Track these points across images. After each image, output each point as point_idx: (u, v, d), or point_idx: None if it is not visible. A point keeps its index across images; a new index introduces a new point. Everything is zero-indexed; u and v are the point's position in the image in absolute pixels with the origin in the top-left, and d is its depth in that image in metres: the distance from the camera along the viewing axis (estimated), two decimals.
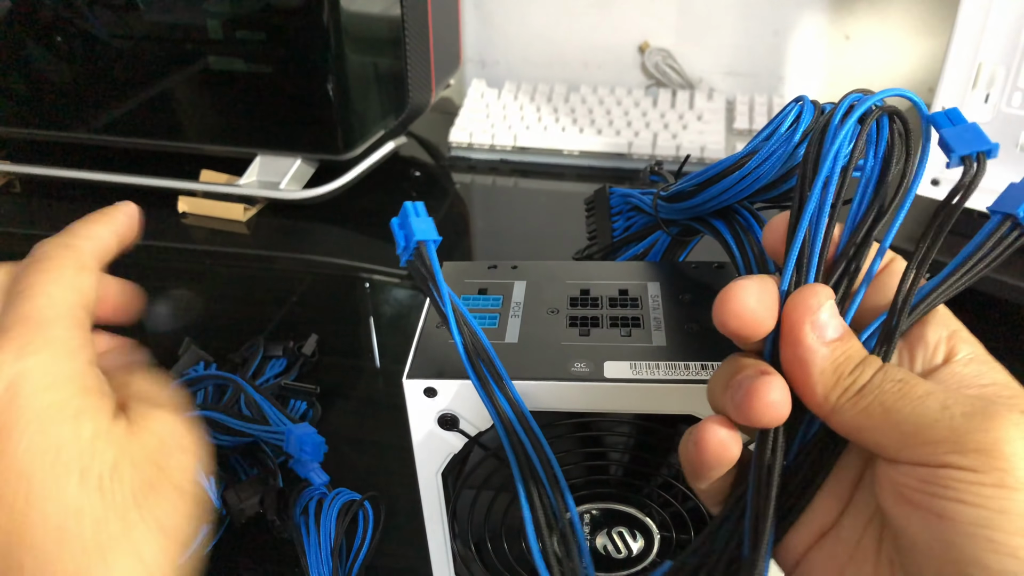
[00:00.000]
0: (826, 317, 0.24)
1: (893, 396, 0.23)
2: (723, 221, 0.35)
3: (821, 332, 0.24)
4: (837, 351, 0.24)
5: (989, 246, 0.25)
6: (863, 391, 0.23)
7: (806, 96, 0.33)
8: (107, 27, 0.73)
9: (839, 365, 0.24)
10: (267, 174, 0.77)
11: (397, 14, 0.71)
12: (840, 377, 0.24)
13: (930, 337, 0.26)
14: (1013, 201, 0.24)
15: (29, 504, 0.23)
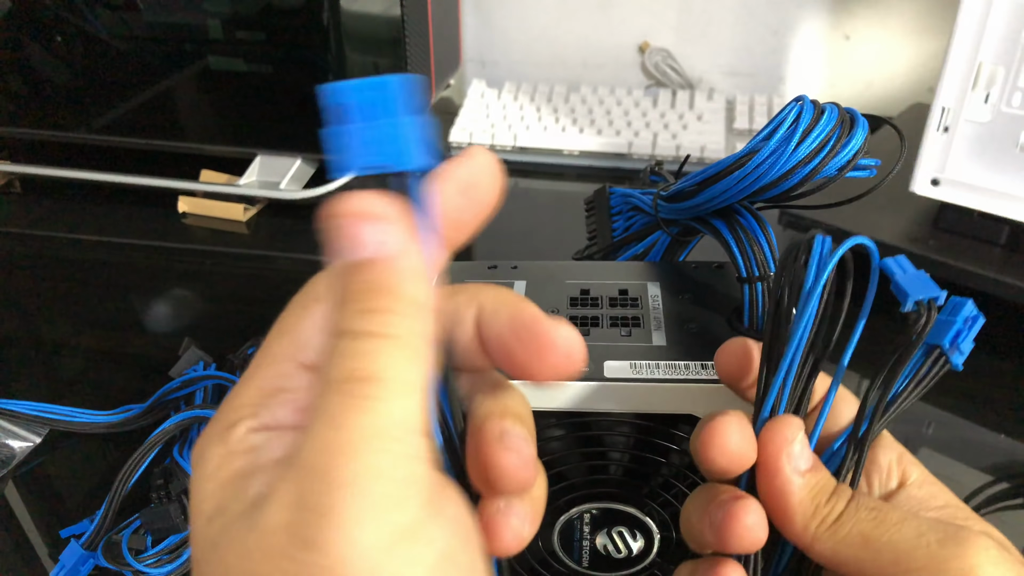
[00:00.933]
0: (799, 448, 0.25)
1: (870, 524, 0.24)
2: (723, 221, 0.35)
3: (796, 463, 0.25)
4: (812, 481, 0.25)
5: (922, 375, 0.27)
6: (841, 520, 0.24)
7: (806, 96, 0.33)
8: (107, 27, 0.73)
9: (816, 495, 0.25)
10: (267, 174, 0.77)
11: (397, 14, 0.71)
12: (818, 507, 0.25)
13: (882, 460, 0.27)
14: (939, 333, 0.27)
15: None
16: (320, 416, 0.18)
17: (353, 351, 0.19)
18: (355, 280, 0.20)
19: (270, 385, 0.20)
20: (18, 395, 0.52)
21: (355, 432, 0.18)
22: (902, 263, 0.28)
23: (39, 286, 0.68)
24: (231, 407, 0.20)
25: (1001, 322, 0.59)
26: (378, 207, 0.20)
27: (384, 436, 0.18)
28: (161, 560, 0.41)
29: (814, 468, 0.25)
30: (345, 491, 0.17)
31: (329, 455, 0.17)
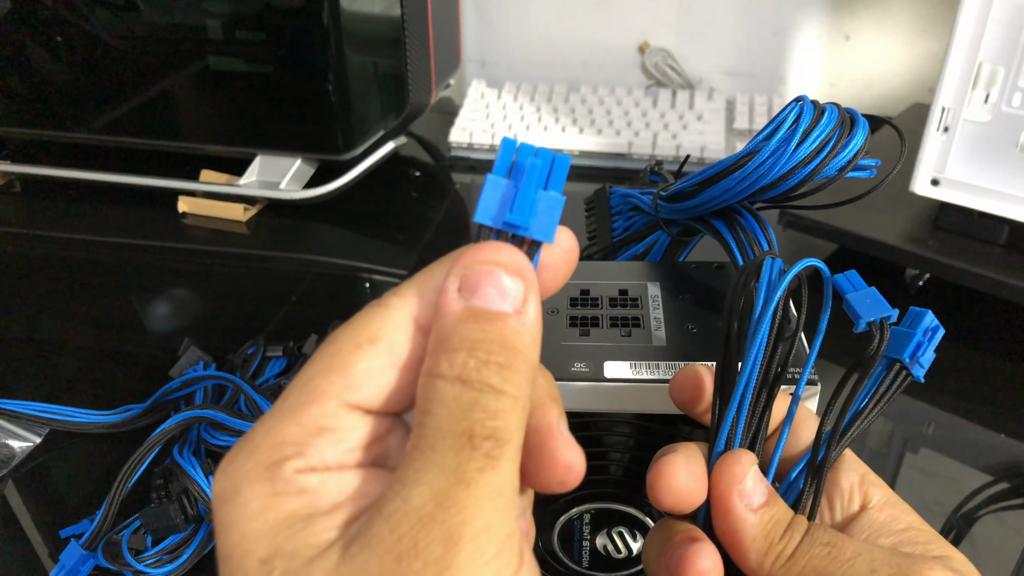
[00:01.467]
0: (751, 484, 0.25)
1: (824, 560, 0.24)
2: (723, 221, 0.35)
3: (748, 500, 0.25)
4: (765, 517, 0.25)
5: (883, 391, 0.26)
6: (795, 556, 0.24)
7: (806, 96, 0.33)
8: (107, 27, 0.73)
9: (769, 531, 0.25)
10: (267, 174, 0.77)
11: (397, 14, 0.71)
12: (772, 543, 0.24)
13: (843, 483, 0.27)
14: (899, 347, 0.26)
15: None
16: (436, 467, 0.18)
17: (475, 403, 0.18)
18: (486, 330, 0.19)
19: (314, 423, 0.19)
20: (18, 395, 0.52)
21: (481, 489, 0.18)
22: (853, 279, 0.28)
23: (39, 286, 0.68)
24: (271, 443, 0.19)
25: (1001, 322, 0.59)
26: (525, 266, 0.20)
27: (501, 496, 0.18)
28: (161, 560, 0.41)
29: (768, 503, 0.25)
30: (467, 546, 0.17)
31: (450, 510, 0.17)
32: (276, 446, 0.19)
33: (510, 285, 0.19)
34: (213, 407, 0.46)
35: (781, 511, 0.25)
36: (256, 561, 0.18)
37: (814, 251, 0.67)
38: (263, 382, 0.53)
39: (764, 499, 0.25)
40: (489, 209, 0.20)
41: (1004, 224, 0.59)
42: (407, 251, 0.72)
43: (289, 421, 0.19)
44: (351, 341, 0.20)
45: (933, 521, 0.44)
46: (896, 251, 0.60)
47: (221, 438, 0.46)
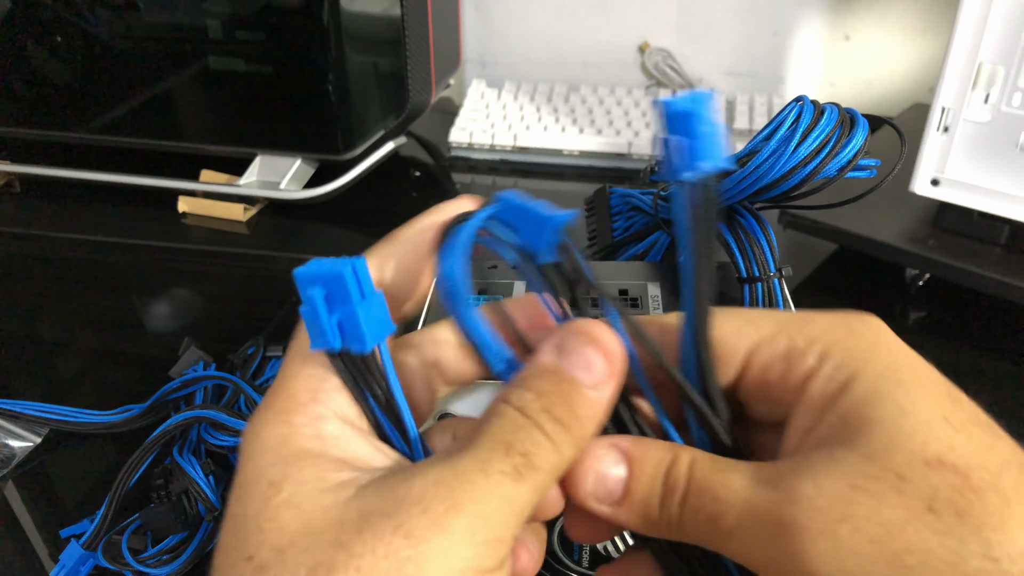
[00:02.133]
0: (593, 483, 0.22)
1: (704, 528, 0.21)
2: (723, 221, 0.35)
3: (603, 501, 0.22)
4: (633, 506, 0.22)
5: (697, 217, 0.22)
6: (680, 525, 0.21)
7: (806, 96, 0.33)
8: (107, 27, 0.73)
9: (644, 513, 0.22)
10: (267, 174, 0.77)
11: (397, 14, 0.71)
12: (652, 523, 0.22)
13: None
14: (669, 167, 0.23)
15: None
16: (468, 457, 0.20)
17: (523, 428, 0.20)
18: (559, 386, 0.21)
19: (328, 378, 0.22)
20: (18, 395, 0.52)
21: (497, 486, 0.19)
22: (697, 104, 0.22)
23: (39, 286, 0.68)
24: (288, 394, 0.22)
25: (1001, 322, 0.59)
26: (619, 351, 0.22)
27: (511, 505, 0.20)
28: (161, 560, 0.41)
29: (627, 497, 0.22)
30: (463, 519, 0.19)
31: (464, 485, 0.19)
32: (291, 396, 0.22)
33: (597, 361, 0.21)
34: (213, 407, 0.46)
35: (646, 486, 0.22)
36: (265, 483, 0.20)
37: (814, 251, 0.67)
38: (263, 382, 0.53)
39: (621, 491, 0.22)
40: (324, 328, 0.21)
41: (1004, 224, 0.59)
42: None
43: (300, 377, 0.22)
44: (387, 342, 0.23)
45: None
46: (896, 251, 0.60)
47: (221, 438, 0.46)
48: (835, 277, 0.66)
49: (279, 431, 0.21)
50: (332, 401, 0.22)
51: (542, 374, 0.21)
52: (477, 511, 0.19)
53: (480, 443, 0.20)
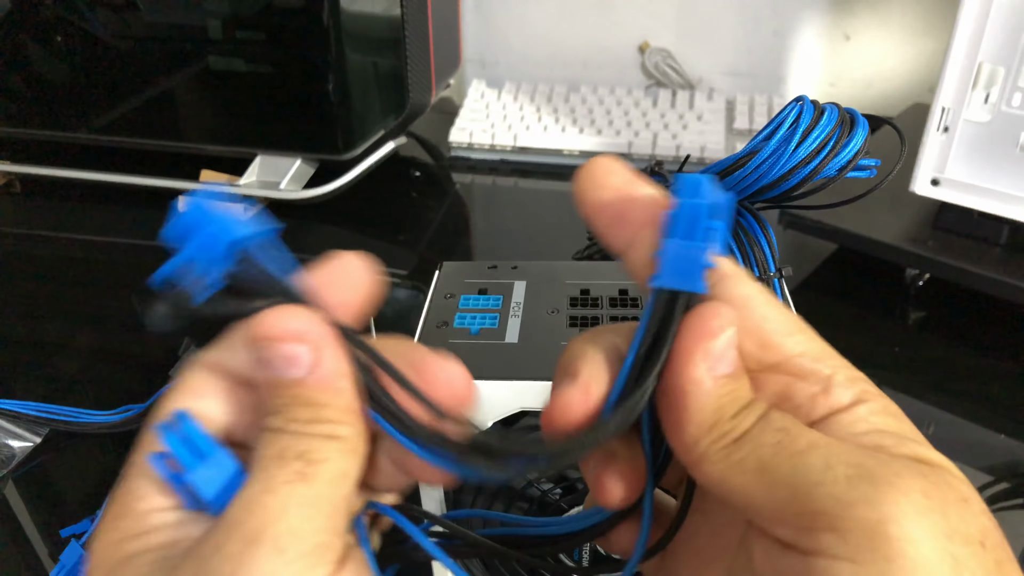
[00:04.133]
0: (722, 347, 0.20)
1: (771, 450, 0.19)
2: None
3: (713, 364, 0.20)
4: (724, 389, 0.20)
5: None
6: (740, 441, 0.19)
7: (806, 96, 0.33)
8: (107, 27, 0.73)
9: (722, 406, 0.20)
10: (267, 174, 0.77)
11: (397, 14, 0.71)
12: (719, 421, 0.20)
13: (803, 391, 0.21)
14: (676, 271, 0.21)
15: None
16: (249, 484, 0.19)
17: (287, 437, 0.20)
18: (283, 395, 0.21)
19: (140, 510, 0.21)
20: (18, 395, 0.52)
21: (288, 498, 0.19)
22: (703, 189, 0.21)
23: (39, 286, 0.68)
24: (118, 500, 0.21)
25: (1001, 322, 0.59)
26: (305, 328, 0.21)
27: (312, 507, 0.19)
28: None
29: (734, 375, 0.20)
30: (265, 545, 0.18)
31: (254, 514, 0.19)
32: (121, 499, 0.21)
33: (297, 354, 0.20)
34: None
35: (743, 389, 0.20)
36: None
37: (814, 251, 0.67)
38: None
39: (731, 370, 0.20)
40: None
41: (1004, 224, 0.59)
42: (407, 251, 0.72)
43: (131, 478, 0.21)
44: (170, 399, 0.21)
45: None
46: (896, 251, 0.60)
47: None
48: (835, 277, 0.66)
49: (108, 539, 0.20)
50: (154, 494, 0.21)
51: (267, 392, 0.21)
52: (279, 531, 0.18)
53: (255, 470, 0.20)
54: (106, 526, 0.21)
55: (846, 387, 0.21)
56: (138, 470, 0.21)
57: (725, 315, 0.20)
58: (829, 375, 0.21)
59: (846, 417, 0.20)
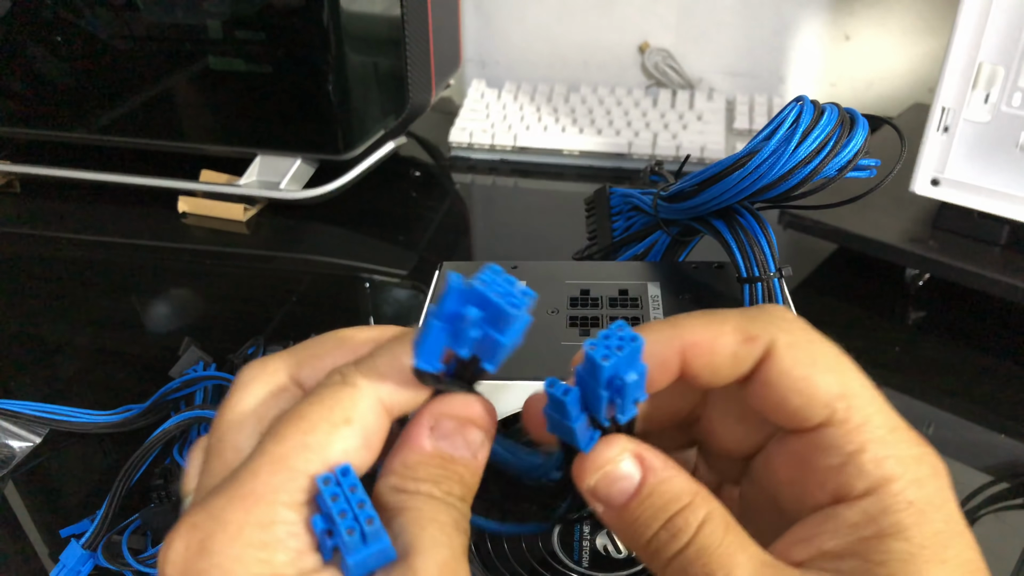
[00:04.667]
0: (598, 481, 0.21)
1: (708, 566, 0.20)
2: (723, 221, 0.35)
3: (603, 499, 0.21)
4: (633, 513, 0.21)
5: None
6: (673, 562, 0.20)
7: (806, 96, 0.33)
8: (107, 27, 0.73)
9: (635, 533, 0.21)
10: (267, 174, 0.77)
11: (397, 14, 0.71)
12: (639, 545, 0.21)
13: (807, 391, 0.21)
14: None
15: None
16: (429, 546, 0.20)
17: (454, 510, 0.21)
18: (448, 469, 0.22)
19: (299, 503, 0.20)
20: (18, 395, 0.52)
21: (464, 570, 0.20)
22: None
23: (39, 286, 0.68)
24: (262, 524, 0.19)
25: (1001, 322, 0.59)
26: (488, 422, 0.22)
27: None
28: None
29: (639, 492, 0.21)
30: None
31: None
32: (265, 527, 0.19)
33: (475, 437, 0.22)
34: (213, 407, 0.46)
35: (648, 514, 0.21)
36: None
37: (814, 251, 0.67)
38: None
39: (622, 501, 0.21)
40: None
41: (1004, 224, 0.59)
42: (407, 251, 0.72)
43: (273, 502, 0.19)
44: (326, 421, 0.20)
45: None
46: (896, 251, 0.60)
47: None
48: (835, 277, 0.66)
49: (256, 571, 0.19)
50: (301, 525, 0.20)
51: (428, 460, 0.21)
52: None
53: (432, 532, 0.20)
54: (241, 550, 0.19)
55: (869, 466, 0.20)
56: (292, 497, 0.20)
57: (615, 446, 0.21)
58: (852, 451, 0.20)
59: (847, 513, 0.20)
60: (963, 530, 0.20)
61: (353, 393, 0.21)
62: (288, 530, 0.19)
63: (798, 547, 0.21)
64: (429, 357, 0.20)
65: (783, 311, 0.22)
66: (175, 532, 0.19)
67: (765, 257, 0.34)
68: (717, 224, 0.35)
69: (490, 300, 0.20)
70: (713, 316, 0.22)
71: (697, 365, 0.22)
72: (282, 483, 0.19)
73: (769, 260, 0.34)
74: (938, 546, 0.19)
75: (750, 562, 0.20)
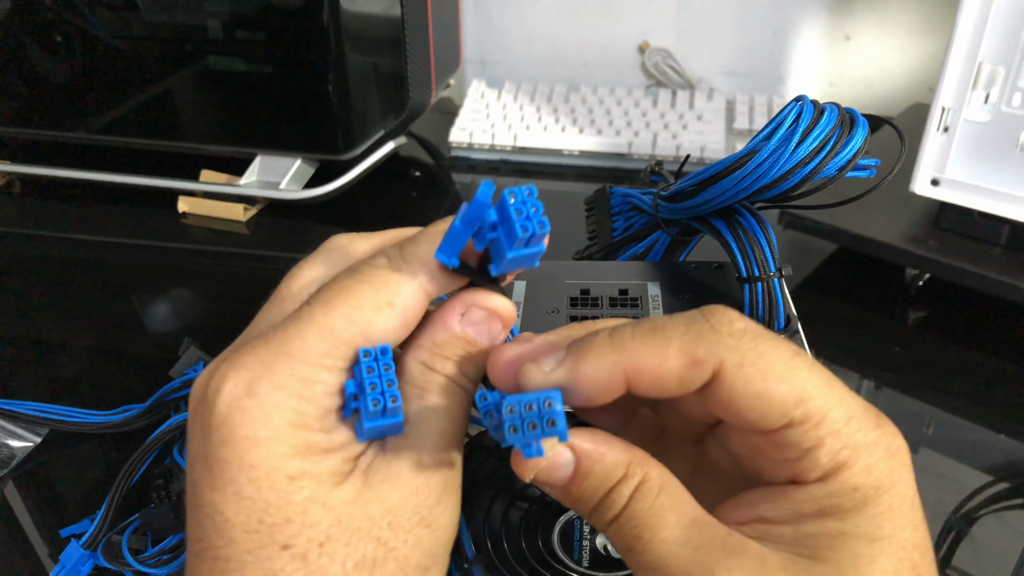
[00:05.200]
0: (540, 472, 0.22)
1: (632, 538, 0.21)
2: (723, 221, 0.35)
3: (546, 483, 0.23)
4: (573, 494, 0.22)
5: None
6: (614, 524, 0.22)
7: (806, 96, 0.33)
8: (107, 27, 0.73)
9: (581, 501, 0.22)
10: (267, 174, 0.77)
11: (397, 14, 0.71)
12: (585, 513, 0.23)
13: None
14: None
15: (227, 570, 0.21)
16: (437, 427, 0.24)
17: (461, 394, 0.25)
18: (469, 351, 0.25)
19: (339, 369, 0.23)
20: (18, 395, 0.52)
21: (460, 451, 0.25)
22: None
23: (39, 286, 0.68)
24: (304, 380, 0.22)
25: (1001, 322, 0.59)
26: (511, 315, 0.25)
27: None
28: (161, 560, 0.41)
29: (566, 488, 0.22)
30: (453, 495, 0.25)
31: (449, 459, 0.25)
32: (306, 384, 0.22)
33: (497, 329, 0.25)
34: None
35: (587, 492, 0.22)
36: (284, 478, 0.21)
37: (814, 251, 0.67)
38: None
39: (562, 483, 0.22)
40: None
41: (1004, 224, 0.59)
42: None
43: (316, 364, 0.22)
44: (371, 301, 0.23)
45: (932, 521, 0.44)
46: (896, 251, 0.60)
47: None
48: (835, 277, 0.66)
49: (290, 418, 0.22)
50: (335, 387, 0.23)
51: (455, 340, 0.24)
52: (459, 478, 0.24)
53: (441, 412, 0.24)
54: (280, 398, 0.22)
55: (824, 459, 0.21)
56: (334, 363, 0.22)
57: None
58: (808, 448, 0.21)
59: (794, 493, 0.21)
60: (907, 510, 0.21)
61: (398, 279, 0.23)
62: (323, 390, 0.22)
63: (739, 510, 0.22)
64: (449, 252, 0.23)
65: (729, 317, 0.22)
66: (226, 364, 0.22)
67: (765, 257, 0.34)
68: (717, 224, 0.35)
69: (508, 215, 0.22)
70: (657, 336, 0.21)
71: (642, 388, 0.22)
72: (327, 349, 0.22)
73: (769, 260, 0.34)
74: (874, 527, 0.20)
75: (679, 521, 0.21)
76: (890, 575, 0.20)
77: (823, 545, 0.20)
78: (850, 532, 0.20)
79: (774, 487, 0.22)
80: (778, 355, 0.21)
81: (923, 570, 0.21)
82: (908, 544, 0.20)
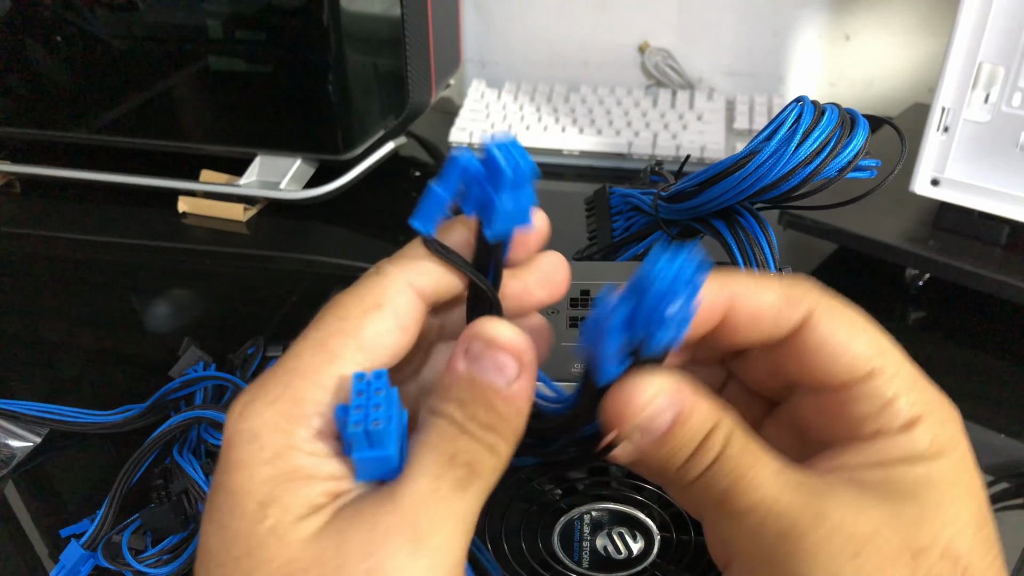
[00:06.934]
0: (649, 416, 0.21)
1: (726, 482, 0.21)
2: (723, 221, 0.35)
3: (642, 437, 0.21)
4: (667, 446, 0.21)
5: None
6: (701, 480, 0.22)
7: (806, 96, 0.33)
8: (107, 27, 0.73)
9: (673, 456, 0.22)
10: (267, 174, 0.77)
11: (397, 14, 0.71)
12: (674, 468, 0.22)
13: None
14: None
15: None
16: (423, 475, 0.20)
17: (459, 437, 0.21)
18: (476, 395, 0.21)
19: (334, 386, 0.21)
20: (18, 395, 0.52)
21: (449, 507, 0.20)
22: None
23: (39, 286, 0.68)
24: (292, 398, 0.21)
25: (1001, 322, 0.59)
26: (523, 346, 0.22)
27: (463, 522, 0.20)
28: (161, 560, 0.41)
29: (673, 430, 0.21)
30: (425, 557, 0.19)
31: (422, 517, 0.20)
32: (298, 402, 0.21)
33: (505, 362, 0.21)
34: (213, 407, 0.46)
35: (683, 441, 0.21)
36: (255, 504, 0.20)
37: (814, 251, 0.67)
38: None
39: (668, 424, 0.21)
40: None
41: (1004, 224, 0.59)
42: None
43: (309, 380, 0.21)
44: (358, 307, 0.22)
45: None
46: (896, 251, 0.60)
47: (221, 438, 0.46)
48: (835, 277, 0.66)
49: (279, 440, 0.21)
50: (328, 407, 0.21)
51: (460, 382, 0.21)
52: (435, 545, 0.20)
53: (425, 459, 0.20)
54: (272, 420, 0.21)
55: (904, 409, 0.22)
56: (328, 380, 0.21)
57: (649, 387, 0.21)
58: (890, 397, 0.22)
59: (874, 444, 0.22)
60: (972, 466, 0.22)
61: (382, 280, 0.23)
62: (315, 408, 0.21)
63: (822, 463, 0.23)
64: (425, 218, 0.22)
65: (815, 282, 0.23)
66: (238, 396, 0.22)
67: (765, 257, 0.34)
68: (717, 224, 0.35)
69: (493, 157, 0.21)
70: (758, 276, 0.23)
71: (741, 318, 0.22)
72: (320, 364, 0.21)
73: (769, 260, 0.34)
74: (955, 473, 0.22)
75: (775, 463, 0.21)
76: (974, 514, 0.21)
77: (909, 488, 0.21)
78: (935, 477, 0.21)
79: (856, 440, 0.22)
80: (858, 313, 0.23)
81: (991, 520, 0.22)
82: (980, 495, 0.22)
